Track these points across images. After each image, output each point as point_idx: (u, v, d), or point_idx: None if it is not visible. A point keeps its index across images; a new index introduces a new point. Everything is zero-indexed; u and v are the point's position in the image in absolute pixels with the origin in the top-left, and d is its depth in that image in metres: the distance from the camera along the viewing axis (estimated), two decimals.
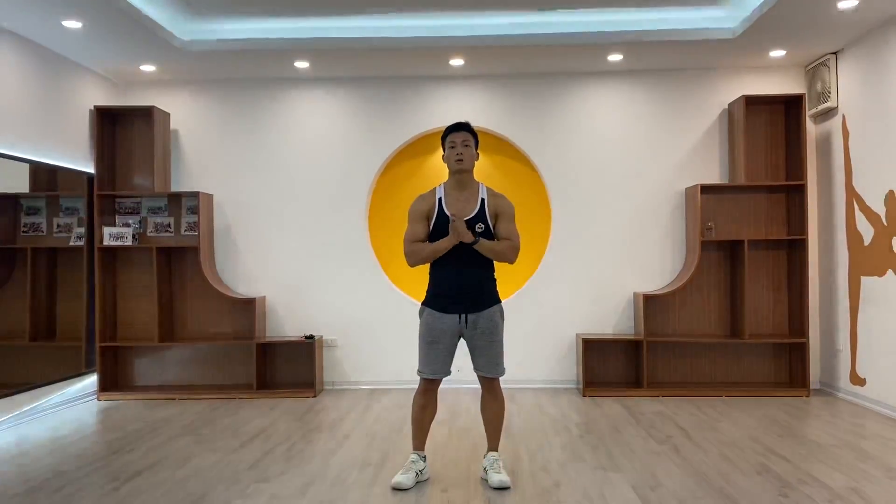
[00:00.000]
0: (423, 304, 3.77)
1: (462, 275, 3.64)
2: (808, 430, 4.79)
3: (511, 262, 3.70)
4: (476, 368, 3.74)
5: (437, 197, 3.70)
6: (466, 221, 3.60)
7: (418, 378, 3.79)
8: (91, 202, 6.10)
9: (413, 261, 3.70)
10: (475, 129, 3.81)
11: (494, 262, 3.72)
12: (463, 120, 3.88)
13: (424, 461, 3.76)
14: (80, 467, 4.07)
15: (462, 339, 3.74)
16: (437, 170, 6.60)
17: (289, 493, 3.59)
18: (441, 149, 3.79)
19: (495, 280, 3.77)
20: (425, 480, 3.74)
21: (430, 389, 3.75)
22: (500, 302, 3.76)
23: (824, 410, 5.39)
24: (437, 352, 3.67)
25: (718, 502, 3.39)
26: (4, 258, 5.50)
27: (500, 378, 3.76)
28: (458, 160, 3.65)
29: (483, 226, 3.63)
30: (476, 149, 3.73)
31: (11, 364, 5.49)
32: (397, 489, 3.60)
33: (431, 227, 3.67)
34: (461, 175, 3.69)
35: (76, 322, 6.06)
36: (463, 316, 3.66)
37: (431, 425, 3.84)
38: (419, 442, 3.78)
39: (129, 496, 3.56)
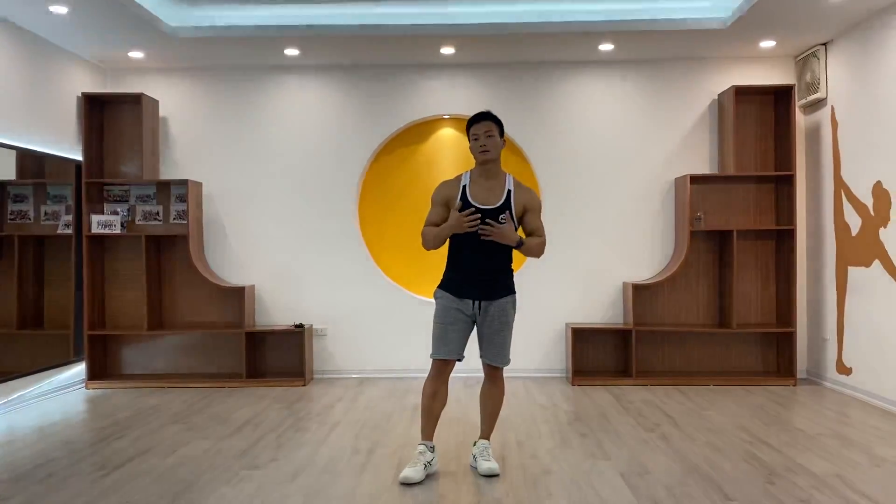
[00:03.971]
0: (438, 287, 3.72)
1: (481, 262, 3.61)
2: (794, 419, 4.84)
3: (540, 256, 3.75)
4: (482, 356, 3.72)
5: (462, 185, 3.65)
6: (491, 211, 3.56)
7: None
8: (79, 190, 6.06)
9: (425, 243, 3.68)
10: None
11: (511, 252, 3.69)
12: (484, 110, 3.78)
13: (433, 452, 3.66)
14: (68, 455, 4.06)
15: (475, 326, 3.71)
16: (428, 158, 6.60)
17: (279, 481, 3.60)
18: (468, 139, 3.72)
19: (512, 271, 3.75)
20: (434, 472, 3.65)
21: (443, 373, 3.65)
22: (514, 293, 3.73)
23: (811, 399, 5.44)
24: (452, 333, 3.61)
25: (705, 489, 3.42)
26: None
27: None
28: (483, 151, 3.61)
29: (507, 217, 3.59)
30: (501, 136, 3.68)
31: None
32: (406, 484, 3.49)
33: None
34: (487, 164, 3.65)
35: (64, 310, 6.02)
36: (477, 302, 3.63)
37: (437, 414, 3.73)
38: (429, 431, 3.67)
39: (117, 483, 3.56)
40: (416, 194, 6.43)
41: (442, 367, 3.66)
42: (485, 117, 3.66)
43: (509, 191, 3.66)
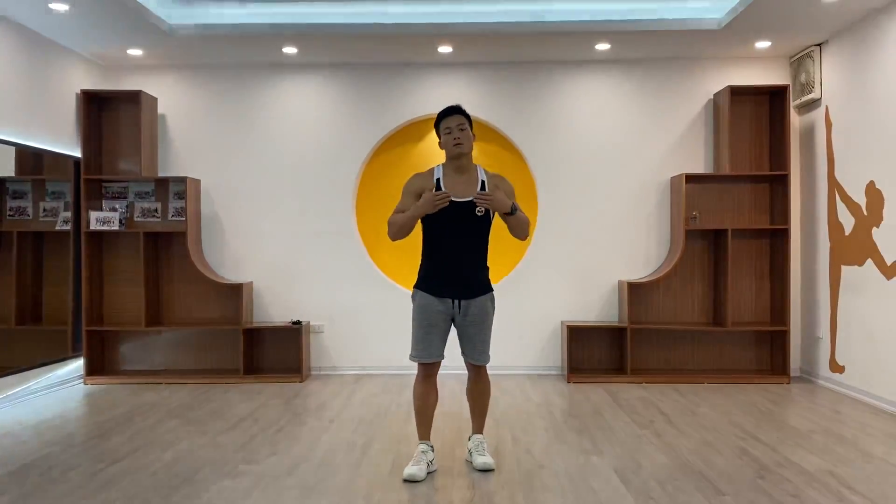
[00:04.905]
0: (415, 287, 3.70)
1: (458, 260, 3.61)
2: (787, 416, 4.88)
3: (526, 236, 3.72)
4: (463, 354, 3.73)
5: (436, 178, 3.65)
6: (467, 203, 3.56)
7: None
8: (77, 186, 6.08)
9: (391, 231, 3.64)
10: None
11: (487, 249, 3.71)
12: (453, 104, 3.80)
13: (433, 451, 3.70)
14: (65, 450, 4.09)
15: (453, 325, 3.72)
16: (425, 157, 6.62)
17: (276, 474, 3.63)
18: (436, 135, 3.72)
19: (488, 268, 3.75)
20: (434, 471, 3.66)
21: (430, 375, 3.67)
22: (492, 290, 3.74)
23: (804, 397, 5.48)
24: (433, 335, 3.61)
25: (698, 485, 3.46)
26: None
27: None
28: (457, 144, 3.60)
29: (483, 210, 3.60)
30: (471, 129, 3.68)
31: None
32: (410, 481, 3.49)
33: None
34: (460, 159, 3.64)
35: (62, 306, 6.05)
36: (456, 301, 3.62)
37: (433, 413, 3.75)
38: (425, 431, 3.70)
39: (115, 478, 3.59)
40: None
41: (428, 369, 3.67)
42: (456, 111, 3.67)
43: (483, 182, 3.65)
